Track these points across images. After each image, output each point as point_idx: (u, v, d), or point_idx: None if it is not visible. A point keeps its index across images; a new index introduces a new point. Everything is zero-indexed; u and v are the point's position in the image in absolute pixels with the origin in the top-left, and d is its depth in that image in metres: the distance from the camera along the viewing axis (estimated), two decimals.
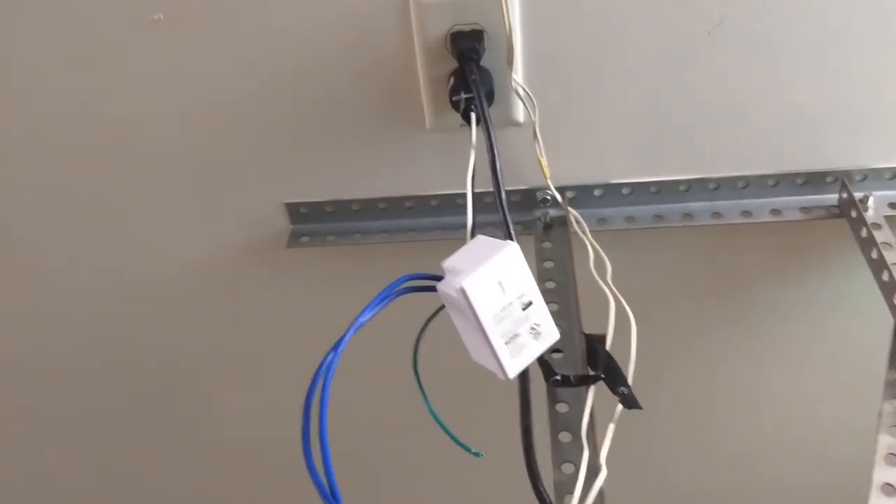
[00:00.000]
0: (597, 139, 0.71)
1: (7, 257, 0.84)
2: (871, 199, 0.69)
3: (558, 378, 0.56)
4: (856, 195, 0.70)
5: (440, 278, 0.49)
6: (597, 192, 0.74)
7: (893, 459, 0.54)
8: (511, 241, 0.49)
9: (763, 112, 0.69)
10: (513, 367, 0.49)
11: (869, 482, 0.53)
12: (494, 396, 0.66)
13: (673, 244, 0.79)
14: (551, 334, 0.50)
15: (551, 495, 0.51)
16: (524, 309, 0.48)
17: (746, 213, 0.73)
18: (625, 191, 0.74)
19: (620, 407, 0.54)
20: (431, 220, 0.76)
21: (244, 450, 1.07)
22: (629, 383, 0.55)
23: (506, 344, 0.48)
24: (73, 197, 0.77)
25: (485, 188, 0.58)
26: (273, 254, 0.80)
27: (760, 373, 0.91)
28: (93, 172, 0.75)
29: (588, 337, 0.60)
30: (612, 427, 0.54)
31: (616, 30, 0.65)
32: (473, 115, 0.60)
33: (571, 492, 0.50)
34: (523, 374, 0.53)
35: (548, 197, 0.73)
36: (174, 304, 0.87)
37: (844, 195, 0.72)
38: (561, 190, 0.72)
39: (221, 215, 0.78)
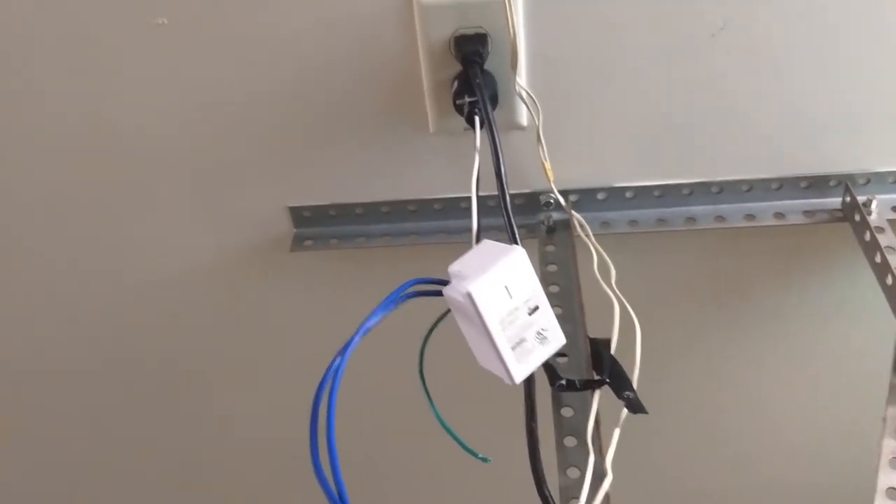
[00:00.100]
0: (600, 142, 0.71)
1: (8, 258, 0.83)
2: (875, 203, 0.70)
3: (563, 382, 0.56)
4: (859, 199, 0.70)
5: (446, 283, 0.49)
6: (600, 196, 0.74)
7: None
8: (517, 246, 0.48)
9: (766, 115, 0.69)
10: (519, 373, 0.49)
11: (870, 484, 0.53)
12: (499, 400, 0.66)
13: (676, 248, 0.79)
14: (558, 339, 0.50)
15: (557, 500, 0.51)
16: (531, 314, 0.48)
17: (750, 217, 0.73)
18: (628, 194, 0.74)
19: (626, 411, 0.54)
20: (434, 224, 0.76)
21: (244, 450, 1.07)
22: (634, 387, 0.55)
23: (512, 349, 0.48)
24: (76, 198, 0.77)
25: (488, 192, 0.58)
26: (275, 257, 0.80)
27: (763, 375, 0.91)
28: (94, 173, 0.75)
29: (593, 341, 0.60)
30: (618, 432, 0.54)
31: (620, 34, 0.65)
32: (477, 119, 0.60)
33: (577, 496, 0.50)
34: (528, 379, 0.53)
35: (551, 200, 0.73)
36: (176, 307, 0.87)
37: (848, 199, 0.72)
38: (564, 193, 0.72)
39: (224, 218, 0.78)
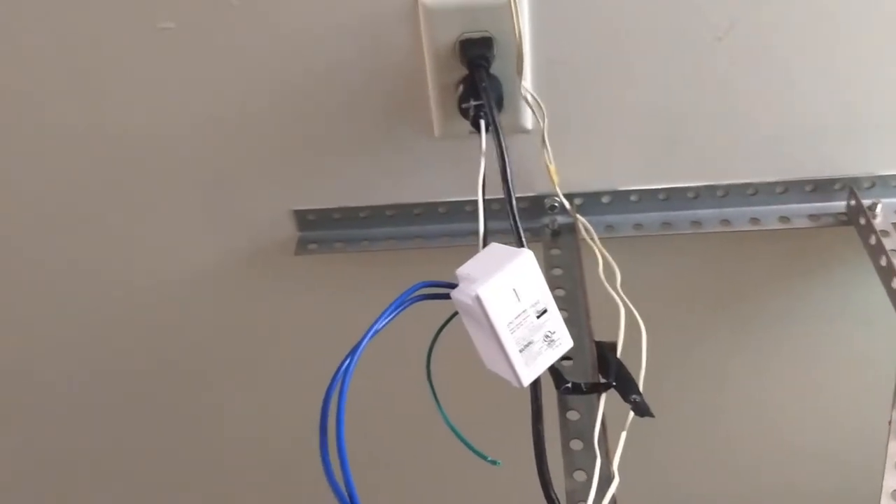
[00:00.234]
0: (605, 146, 0.71)
1: (11, 259, 0.83)
2: (880, 207, 0.70)
3: (569, 386, 0.56)
4: (864, 202, 0.70)
5: (454, 286, 0.49)
6: (605, 199, 0.74)
7: None
8: (525, 249, 0.49)
9: (771, 119, 0.69)
10: (527, 375, 0.49)
11: (875, 487, 0.53)
12: (505, 403, 0.66)
13: (681, 251, 0.79)
14: (565, 342, 0.50)
15: (564, 503, 0.51)
16: (539, 317, 0.48)
17: (755, 221, 0.73)
18: (633, 198, 0.74)
19: (632, 415, 0.54)
20: (439, 227, 0.76)
21: (245, 450, 1.07)
22: (641, 391, 0.55)
23: (520, 352, 0.48)
24: (80, 200, 0.77)
25: (493, 195, 0.58)
26: (280, 260, 0.80)
27: (769, 379, 0.91)
28: (100, 176, 0.75)
29: (598, 344, 0.60)
30: (625, 435, 0.54)
31: (625, 37, 0.65)
32: (483, 123, 0.60)
33: (584, 499, 0.50)
34: (535, 382, 0.53)
35: (556, 204, 0.73)
36: (180, 309, 0.87)
37: (852, 202, 0.72)
38: (569, 197, 0.72)
39: (228, 221, 0.78)
